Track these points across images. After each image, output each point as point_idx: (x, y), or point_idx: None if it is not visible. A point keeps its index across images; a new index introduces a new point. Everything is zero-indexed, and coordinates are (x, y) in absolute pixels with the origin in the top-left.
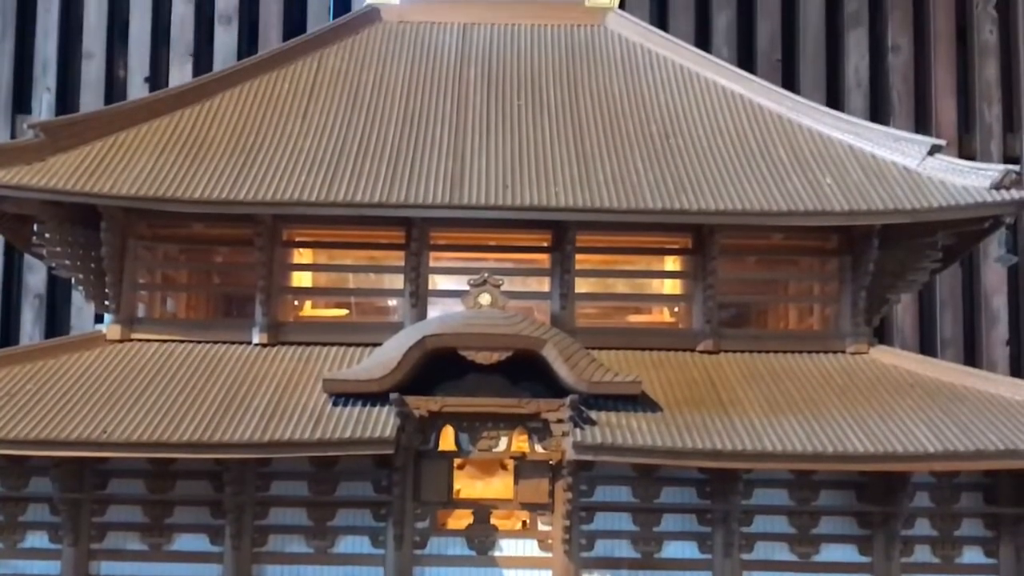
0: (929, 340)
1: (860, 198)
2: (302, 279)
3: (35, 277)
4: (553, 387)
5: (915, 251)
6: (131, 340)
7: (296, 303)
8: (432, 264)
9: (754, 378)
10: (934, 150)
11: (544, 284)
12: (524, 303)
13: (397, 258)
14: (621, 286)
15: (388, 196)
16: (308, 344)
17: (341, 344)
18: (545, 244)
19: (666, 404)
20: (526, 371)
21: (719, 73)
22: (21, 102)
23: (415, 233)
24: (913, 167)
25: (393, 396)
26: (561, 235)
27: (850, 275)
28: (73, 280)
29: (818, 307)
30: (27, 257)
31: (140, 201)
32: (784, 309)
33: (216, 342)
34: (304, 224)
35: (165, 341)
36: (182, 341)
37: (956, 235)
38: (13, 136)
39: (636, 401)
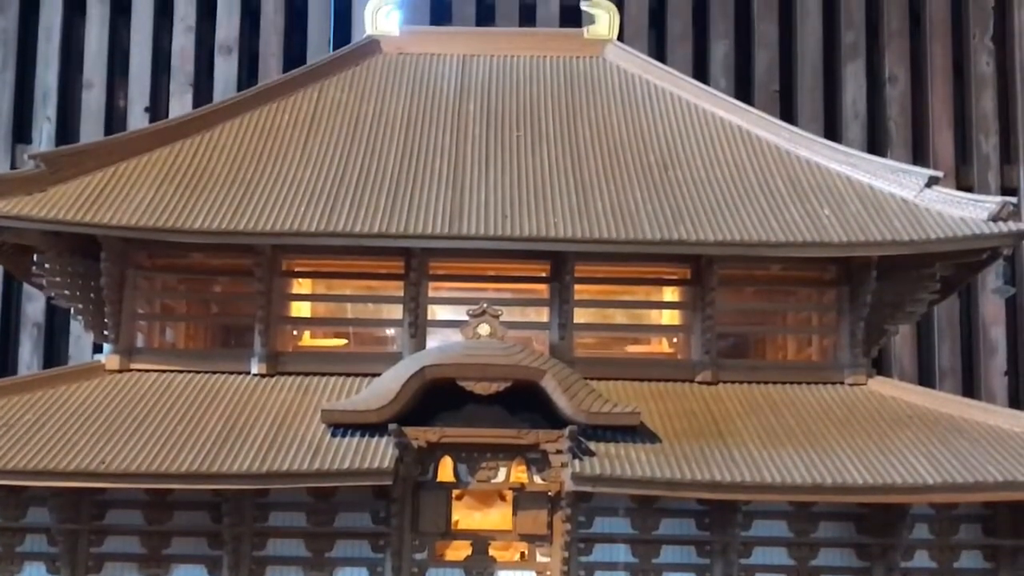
0: (928, 370)
1: (858, 229)
2: (301, 309)
3: (34, 306)
4: (552, 418)
5: (913, 282)
6: (130, 370)
7: (295, 333)
8: (431, 294)
9: (753, 409)
10: (932, 182)
11: (543, 314)
12: (523, 333)
13: (396, 288)
14: (620, 316)
15: (388, 227)
16: (307, 374)
17: (340, 374)
18: (544, 274)
19: (665, 435)
20: (525, 401)
21: (717, 104)
22: (21, 132)
23: (414, 263)
24: (911, 199)
25: (392, 427)
26: (560, 265)
27: (848, 306)
28: (72, 310)
29: (816, 338)
30: (25, 286)
31: (140, 232)
32: (783, 340)
33: (215, 372)
34: (304, 254)
35: (164, 371)
36: (181, 371)
37: (954, 266)
38: (13, 166)
39: (635, 432)
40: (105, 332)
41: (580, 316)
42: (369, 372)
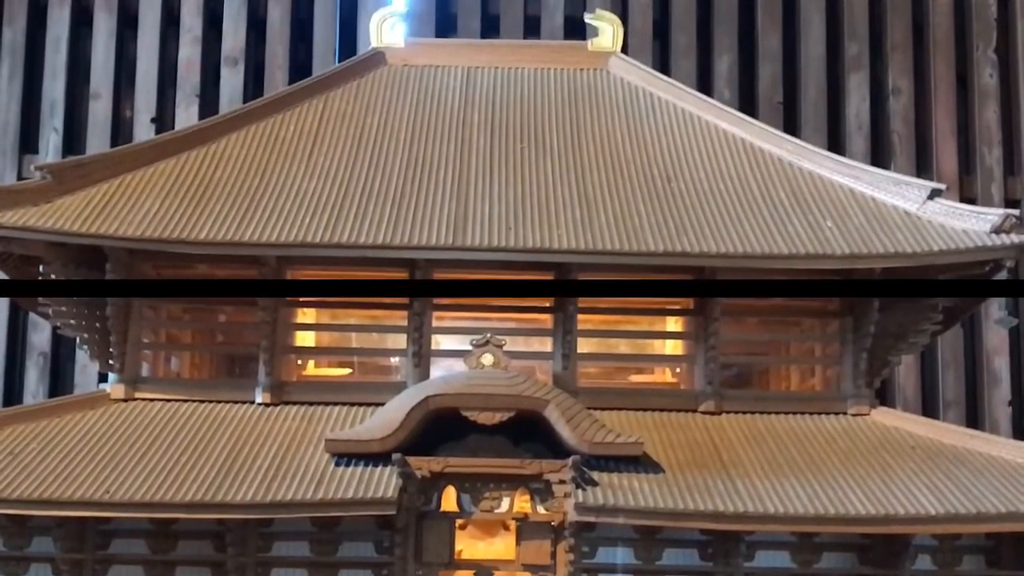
0: (932, 401)
1: (861, 242)
2: (305, 338)
3: (39, 336)
4: (555, 448)
5: (916, 312)
6: (135, 399)
7: (299, 363)
8: (435, 324)
9: (756, 439)
10: (934, 194)
11: (546, 344)
12: (526, 363)
13: (400, 318)
14: (623, 346)
15: (391, 238)
16: (311, 404)
17: (344, 404)
18: (548, 304)
19: (668, 465)
20: (528, 431)
21: (721, 117)
22: (28, 142)
23: (418, 277)
24: (914, 211)
25: (396, 456)
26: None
27: (851, 337)
28: (78, 339)
29: (820, 369)
30: (32, 316)
31: (145, 243)
32: (786, 371)
33: (219, 401)
34: (308, 267)
35: (169, 400)
36: (186, 400)
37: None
38: (20, 176)
39: (638, 462)
40: (110, 361)
41: (583, 346)
42: (373, 402)
